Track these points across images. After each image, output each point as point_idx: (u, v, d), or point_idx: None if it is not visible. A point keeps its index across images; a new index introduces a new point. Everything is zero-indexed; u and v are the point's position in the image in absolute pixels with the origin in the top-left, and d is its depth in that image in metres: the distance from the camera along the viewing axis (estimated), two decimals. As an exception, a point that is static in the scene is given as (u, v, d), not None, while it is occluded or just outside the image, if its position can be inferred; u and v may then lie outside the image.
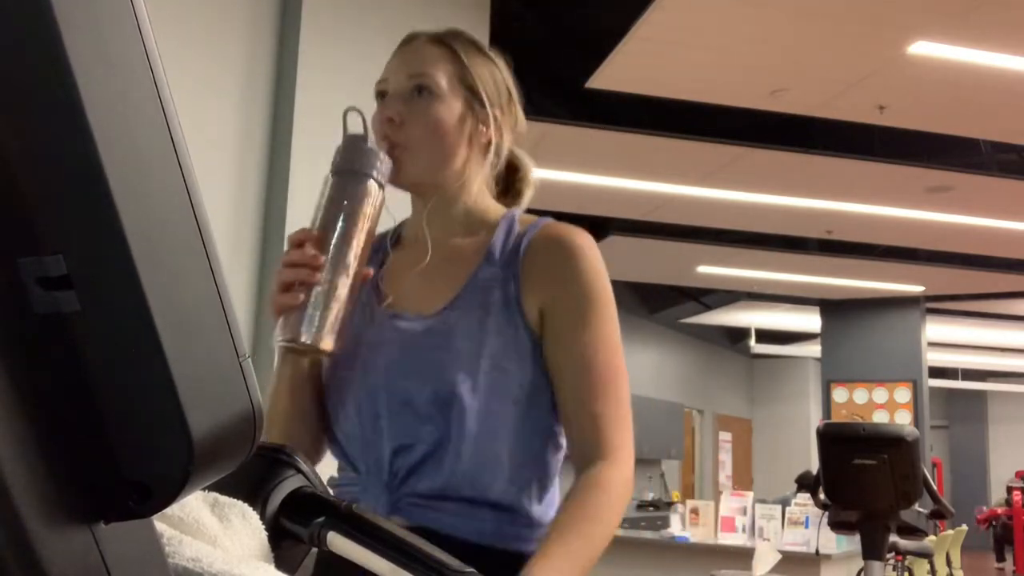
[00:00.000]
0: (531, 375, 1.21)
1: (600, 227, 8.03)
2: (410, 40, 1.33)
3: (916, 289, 10.29)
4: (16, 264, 0.38)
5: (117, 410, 0.40)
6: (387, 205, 1.34)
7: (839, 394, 11.00)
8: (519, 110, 1.36)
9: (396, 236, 1.40)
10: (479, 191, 1.33)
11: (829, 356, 11.25)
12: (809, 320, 11.81)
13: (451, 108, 1.27)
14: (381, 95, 1.30)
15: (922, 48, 4.78)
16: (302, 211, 3.18)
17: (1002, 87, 5.17)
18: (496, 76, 1.32)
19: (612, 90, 5.40)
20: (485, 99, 1.29)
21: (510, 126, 1.34)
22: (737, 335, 14.56)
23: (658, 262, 9.42)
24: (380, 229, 1.44)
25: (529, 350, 1.22)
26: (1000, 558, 14.35)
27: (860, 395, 10.88)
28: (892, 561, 5.22)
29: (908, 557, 5.13)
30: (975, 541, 12.72)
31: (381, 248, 1.38)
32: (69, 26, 0.37)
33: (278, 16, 3.33)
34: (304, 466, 0.75)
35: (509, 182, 1.39)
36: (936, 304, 10.81)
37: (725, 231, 8.52)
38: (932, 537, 5.10)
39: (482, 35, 3.85)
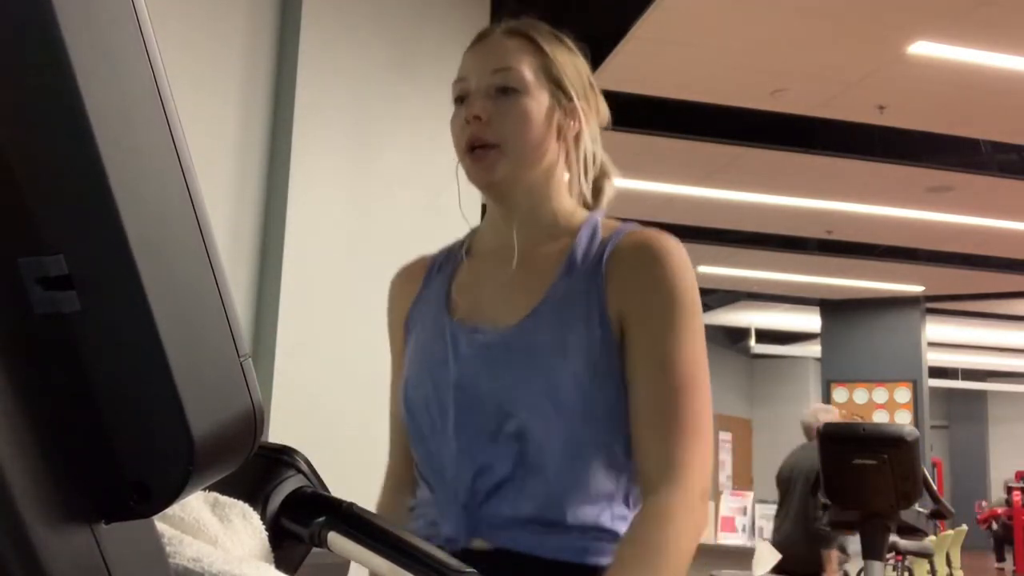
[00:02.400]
0: (613, 393, 1.14)
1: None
2: (486, 35, 1.24)
3: (916, 289, 10.30)
4: (16, 264, 0.38)
5: (117, 410, 0.40)
6: (460, 206, 1.26)
7: (839, 394, 10.99)
8: (601, 100, 1.29)
9: (467, 246, 1.31)
10: (562, 193, 1.25)
11: (829, 356, 11.25)
12: (809, 320, 11.82)
13: (539, 102, 1.19)
14: (461, 96, 1.22)
15: (922, 48, 4.78)
16: (302, 210, 3.18)
17: (1002, 87, 5.17)
18: (579, 66, 1.25)
19: (612, 90, 5.39)
20: (571, 91, 1.22)
21: (594, 117, 1.27)
22: (737, 335, 14.55)
23: (658, 262, 9.40)
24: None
25: (613, 367, 1.14)
26: (1000, 558, 14.34)
27: (860, 395, 10.88)
28: (892, 561, 5.21)
29: (908, 557, 5.13)
30: (975, 541, 12.72)
31: (452, 260, 1.30)
32: (70, 26, 0.37)
33: (278, 16, 3.33)
34: (304, 466, 0.75)
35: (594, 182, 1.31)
36: (936, 304, 10.82)
37: (725, 231, 8.52)
38: (932, 537, 5.10)
39: (482, 35, 3.85)
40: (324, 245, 3.20)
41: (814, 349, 12.60)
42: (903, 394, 10.68)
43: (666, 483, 1.08)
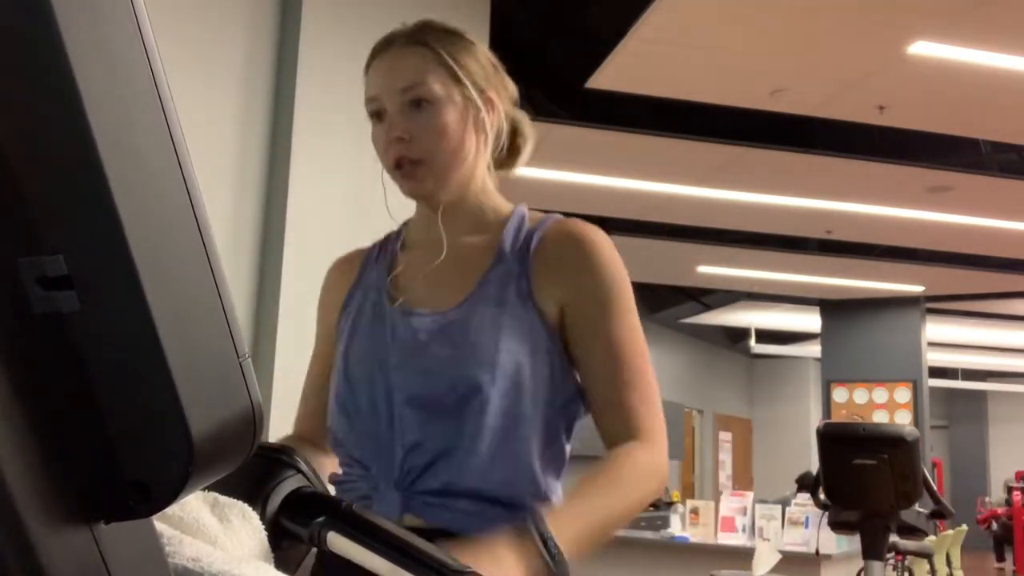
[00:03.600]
0: (547, 371, 1.21)
1: (600, 227, 8.02)
2: (386, 46, 1.30)
3: (916, 289, 10.29)
4: (16, 264, 0.38)
5: (117, 410, 0.40)
6: (388, 206, 1.34)
7: (839, 394, 10.99)
8: (506, 77, 1.34)
9: (402, 239, 1.39)
10: (484, 180, 1.33)
11: (829, 356, 11.25)
12: (809, 320, 11.81)
13: (453, 109, 1.25)
14: (376, 114, 1.29)
15: (922, 48, 4.78)
16: (302, 211, 3.18)
17: (1002, 87, 5.17)
18: (479, 57, 1.30)
19: (612, 90, 5.40)
20: (479, 86, 1.28)
21: (504, 97, 1.32)
22: (737, 335, 14.56)
23: (658, 262, 9.41)
24: (382, 232, 1.44)
25: (545, 345, 1.21)
26: (1000, 558, 14.34)
27: (860, 395, 10.88)
28: (892, 561, 5.21)
29: (908, 557, 5.13)
30: (975, 541, 12.71)
31: (387, 251, 1.38)
32: (69, 26, 0.37)
33: (278, 16, 3.33)
34: (304, 466, 0.75)
35: (508, 144, 1.37)
36: (936, 304, 10.81)
37: (725, 231, 8.51)
38: (932, 537, 5.10)
39: (482, 35, 3.85)
40: (324, 245, 3.19)
41: (814, 349, 12.60)
42: (903, 394, 10.67)
43: (635, 439, 1.17)
